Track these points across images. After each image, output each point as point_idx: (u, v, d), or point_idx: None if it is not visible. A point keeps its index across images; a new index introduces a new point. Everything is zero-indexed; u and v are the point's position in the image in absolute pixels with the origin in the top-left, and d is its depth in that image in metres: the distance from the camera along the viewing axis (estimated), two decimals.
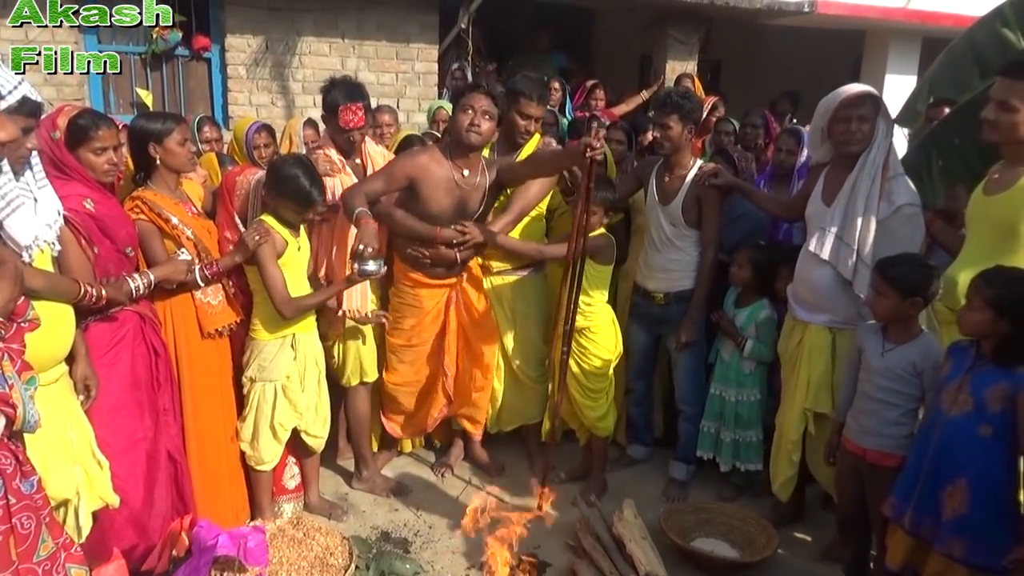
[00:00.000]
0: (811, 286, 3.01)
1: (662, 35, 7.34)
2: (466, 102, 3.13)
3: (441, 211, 3.21)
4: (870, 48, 9.07)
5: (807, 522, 3.34)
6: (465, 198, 3.22)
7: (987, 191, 2.62)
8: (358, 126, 3.22)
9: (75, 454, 2.33)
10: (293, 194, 2.85)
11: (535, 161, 3.28)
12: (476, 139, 3.13)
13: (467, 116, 3.11)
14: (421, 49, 6.66)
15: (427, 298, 3.38)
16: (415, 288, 3.37)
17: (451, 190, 3.19)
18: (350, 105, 3.17)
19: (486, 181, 3.24)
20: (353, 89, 3.24)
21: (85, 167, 2.52)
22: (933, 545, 2.30)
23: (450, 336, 3.44)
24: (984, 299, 2.21)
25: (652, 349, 3.70)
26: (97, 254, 2.50)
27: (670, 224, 3.44)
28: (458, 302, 3.41)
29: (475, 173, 3.22)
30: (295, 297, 2.93)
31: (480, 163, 3.24)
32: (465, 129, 3.11)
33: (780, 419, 3.18)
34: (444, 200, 3.19)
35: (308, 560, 2.74)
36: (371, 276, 2.99)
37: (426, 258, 3.29)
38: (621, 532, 2.99)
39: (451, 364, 3.47)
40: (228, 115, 6.31)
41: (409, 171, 3.17)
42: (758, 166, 4.41)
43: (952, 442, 2.27)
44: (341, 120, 3.18)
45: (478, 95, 3.14)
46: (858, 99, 2.90)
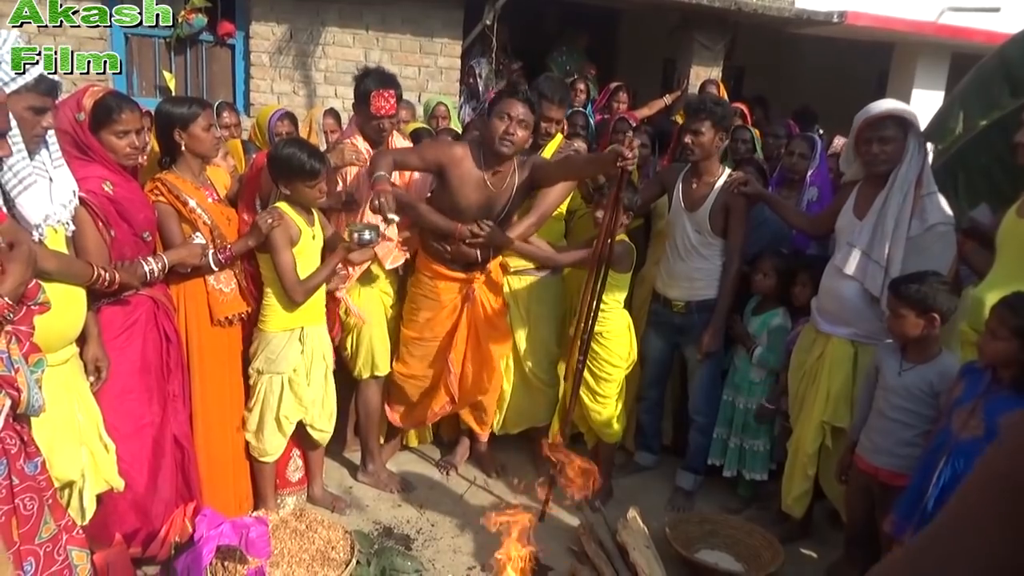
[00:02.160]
0: (837, 299, 2.97)
1: (687, 39, 7.30)
2: (502, 109, 3.08)
3: (468, 206, 3.20)
4: (898, 62, 8.98)
5: (814, 539, 3.30)
6: (494, 198, 3.21)
7: (1020, 213, 2.57)
8: (389, 113, 3.21)
9: (82, 436, 2.33)
10: (294, 170, 2.83)
11: (569, 165, 3.25)
12: (509, 149, 3.08)
13: (502, 124, 3.06)
14: (445, 44, 6.65)
15: (445, 291, 3.37)
16: (434, 280, 3.36)
17: (480, 188, 3.18)
18: (383, 92, 3.16)
19: (516, 181, 3.21)
20: (387, 77, 3.25)
21: (107, 149, 2.52)
22: None
23: (460, 332, 3.42)
24: (1010, 329, 2.16)
25: (668, 357, 3.67)
26: (114, 237, 2.50)
27: (696, 232, 3.41)
28: (474, 300, 3.39)
29: (507, 174, 3.20)
30: (304, 279, 2.92)
31: (512, 164, 3.21)
32: (500, 138, 3.06)
33: (796, 432, 3.14)
34: (472, 196, 3.18)
35: (310, 553, 2.73)
36: (368, 244, 2.99)
37: (447, 253, 3.27)
38: (625, 540, 2.96)
39: (457, 361, 3.45)
40: (250, 102, 6.32)
41: (442, 158, 3.17)
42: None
43: (960, 466, 2.24)
44: (373, 106, 3.17)
45: (515, 102, 3.07)
46: (879, 121, 2.85)
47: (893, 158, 2.84)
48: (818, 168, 3.82)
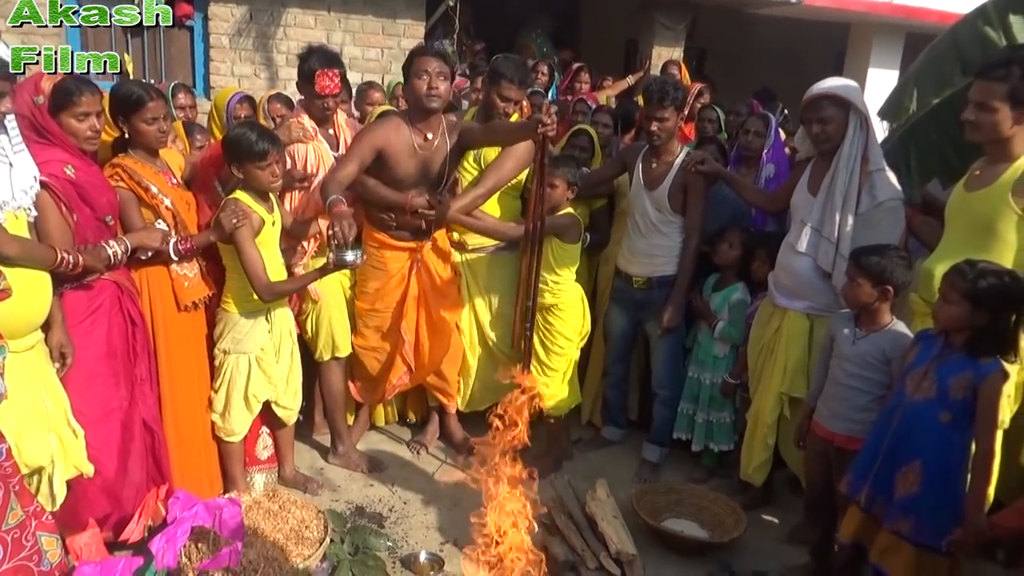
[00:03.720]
0: (791, 274, 3.06)
1: (649, 20, 7.36)
2: (418, 67, 3.14)
3: (406, 175, 3.24)
4: (854, 42, 9.14)
5: (775, 505, 3.41)
6: (428, 161, 3.26)
7: (968, 187, 2.66)
8: (334, 92, 3.22)
9: (50, 422, 2.32)
10: (244, 152, 2.81)
11: (493, 130, 3.32)
12: (437, 102, 3.15)
13: (423, 81, 3.13)
14: (408, 25, 6.61)
15: (391, 260, 3.40)
16: (380, 249, 3.39)
17: (413, 155, 3.23)
18: (327, 70, 3.16)
19: (447, 143, 3.27)
20: (331, 56, 3.25)
21: (67, 133, 2.49)
22: (883, 522, 2.39)
23: (410, 301, 3.45)
24: (960, 292, 2.26)
25: (632, 333, 3.74)
26: (76, 221, 2.48)
27: (655, 210, 3.47)
28: (421, 268, 3.43)
29: (436, 136, 3.25)
30: (274, 282, 2.91)
31: (441, 126, 3.26)
32: (425, 95, 3.13)
33: (755, 404, 3.23)
34: (408, 164, 3.23)
35: (283, 532, 2.75)
36: (349, 266, 2.96)
37: (392, 221, 3.32)
38: (593, 511, 3.03)
39: (409, 330, 3.47)
40: (210, 85, 6.22)
41: (374, 143, 3.19)
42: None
43: (912, 425, 2.34)
44: (317, 86, 3.17)
45: (427, 58, 3.15)
46: (816, 101, 2.93)
47: (834, 137, 2.91)
48: (773, 146, 3.90)
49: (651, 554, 2.97)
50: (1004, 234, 2.51)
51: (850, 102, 2.89)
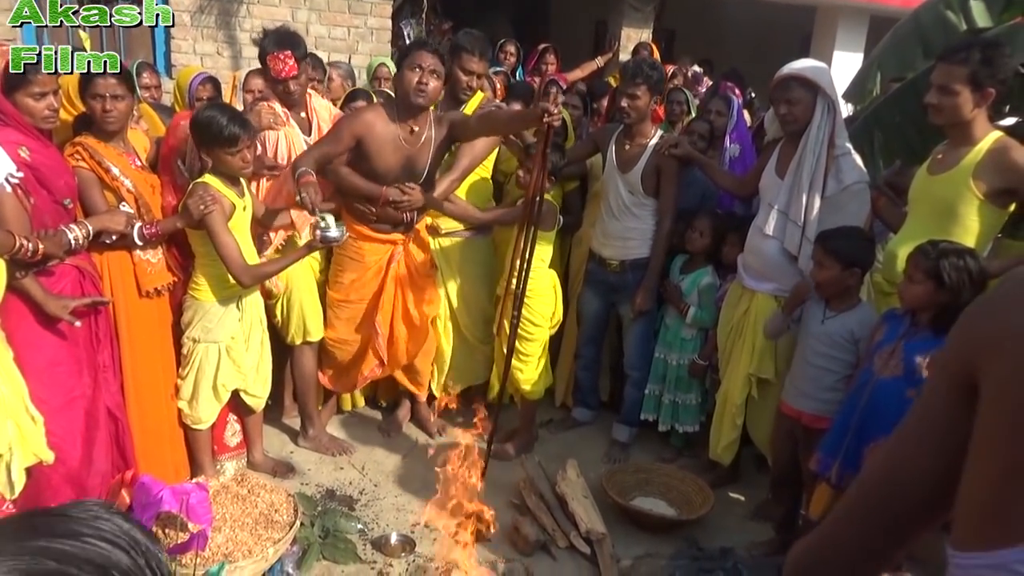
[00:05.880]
0: (760, 256, 3.09)
1: (618, 2, 7.33)
2: (413, 61, 3.08)
3: (388, 169, 3.17)
4: (820, 24, 9.21)
5: (742, 483, 3.47)
6: (412, 156, 3.19)
7: (931, 171, 2.70)
8: (289, 75, 3.13)
9: (6, 409, 2.27)
10: (214, 137, 2.74)
11: (491, 120, 3.24)
12: (424, 99, 3.09)
13: (414, 75, 3.06)
14: (375, 4, 6.51)
15: (369, 252, 3.35)
16: (358, 241, 3.33)
17: (398, 148, 3.16)
18: (277, 53, 3.07)
19: (434, 137, 3.20)
20: (284, 37, 3.14)
21: (23, 112, 2.41)
22: None
23: (387, 294, 3.41)
24: (924, 271, 2.31)
25: (604, 315, 3.75)
26: (33, 205, 2.40)
27: (628, 192, 3.48)
28: (400, 261, 3.39)
29: (423, 130, 3.18)
30: (253, 264, 2.86)
31: (428, 119, 3.19)
32: (414, 90, 3.06)
33: (724, 385, 3.28)
34: (391, 158, 3.16)
35: (253, 516, 2.73)
36: (333, 243, 2.94)
37: (372, 214, 3.26)
38: (564, 491, 3.06)
39: (384, 323, 3.43)
40: (171, 63, 6.08)
41: (355, 129, 3.12)
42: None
43: (880, 402, 2.40)
44: (272, 70, 3.11)
45: (424, 53, 3.08)
46: (784, 82, 2.94)
47: (801, 119, 2.93)
48: (736, 125, 3.92)
49: (620, 532, 3.01)
50: (965, 218, 2.56)
51: (818, 85, 2.90)
